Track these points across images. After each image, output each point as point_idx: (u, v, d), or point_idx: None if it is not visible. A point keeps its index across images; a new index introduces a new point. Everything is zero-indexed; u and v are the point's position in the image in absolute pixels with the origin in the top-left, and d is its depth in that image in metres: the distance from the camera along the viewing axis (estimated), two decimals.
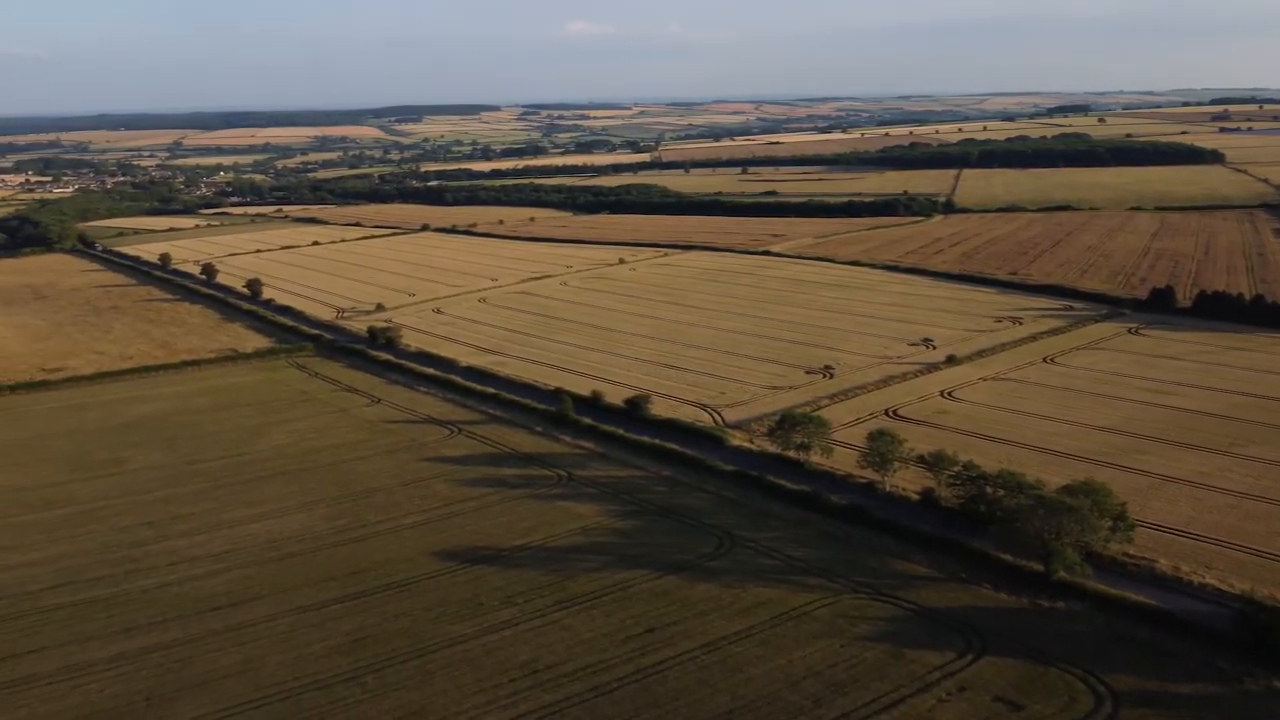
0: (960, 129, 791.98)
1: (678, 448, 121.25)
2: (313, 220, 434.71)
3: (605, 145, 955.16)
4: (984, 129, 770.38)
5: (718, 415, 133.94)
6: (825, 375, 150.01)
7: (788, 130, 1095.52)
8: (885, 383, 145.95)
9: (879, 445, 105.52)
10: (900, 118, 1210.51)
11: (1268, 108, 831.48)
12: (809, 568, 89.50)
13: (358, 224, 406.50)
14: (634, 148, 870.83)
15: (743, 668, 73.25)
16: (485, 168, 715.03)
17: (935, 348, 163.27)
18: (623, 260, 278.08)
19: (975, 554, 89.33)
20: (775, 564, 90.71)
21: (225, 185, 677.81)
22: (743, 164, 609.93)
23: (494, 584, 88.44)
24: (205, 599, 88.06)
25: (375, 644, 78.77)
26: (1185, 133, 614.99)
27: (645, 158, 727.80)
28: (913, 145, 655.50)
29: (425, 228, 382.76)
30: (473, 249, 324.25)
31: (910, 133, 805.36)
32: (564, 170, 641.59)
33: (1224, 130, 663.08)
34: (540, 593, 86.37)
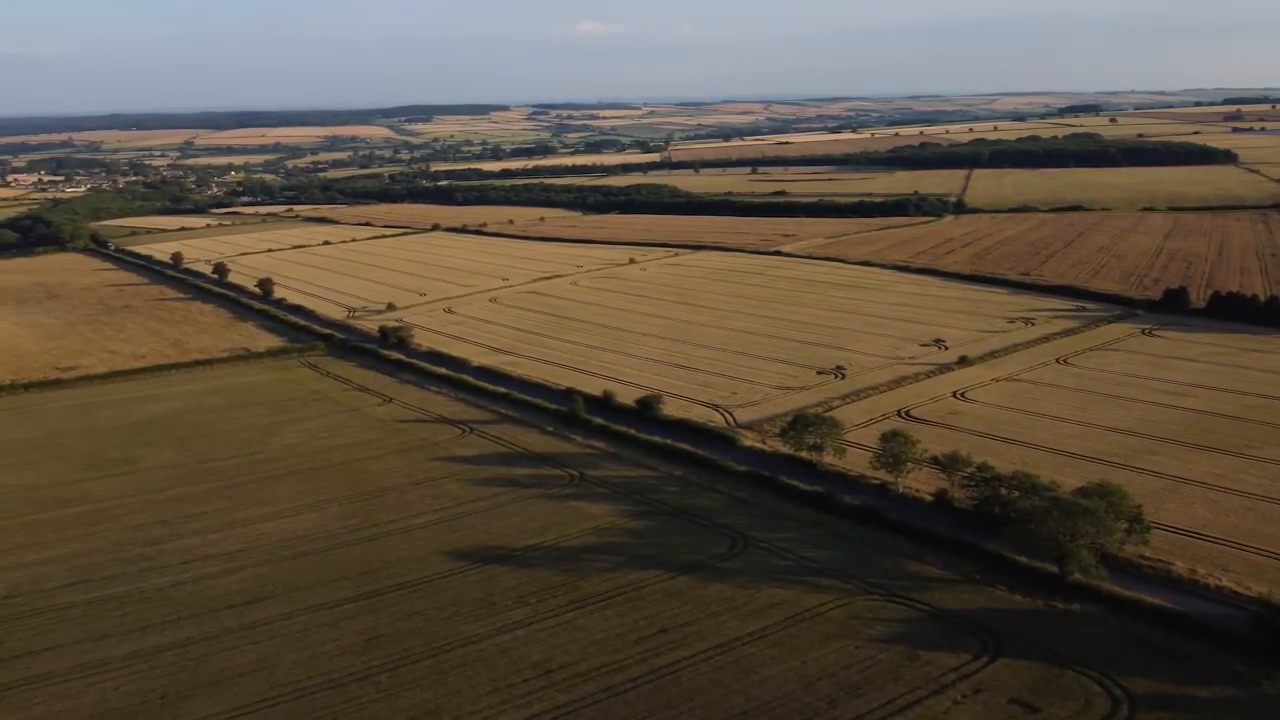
0: (971, 129, 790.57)
1: (689, 448, 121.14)
2: (323, 220, 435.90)
3: (615, 145, 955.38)
4: (995, 129, 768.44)
5: (729, 415, 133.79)
6: (837, 376, 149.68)
7: (797, 130, 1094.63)
8: (897, 383, 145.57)
9: (892, 446, 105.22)
10: (910, 118, 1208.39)
11: None
12: (822, 569, 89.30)
13: (368, 223, 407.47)
14: (643, 148, 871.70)
15: (757, 669, 73.10)
16: (495, 167, 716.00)
17: (947, 348, 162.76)
18: (633, 260, 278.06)
19: (989, 555, 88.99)
20: (788, 565, 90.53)
21: (236, 185, 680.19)
22: (752, 164, 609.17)
23: (507, 584, 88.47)
24: (219, 597, 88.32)
25: (389, 643, 78.88)
26: (1197, 133, 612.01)
27: (655, 158, 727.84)
28: (923, 145, 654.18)
29: (436, 227, 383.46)
30: (483, 249, 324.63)
31: (920, 133, 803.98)
32: (574, 170, 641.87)
33: (1237, 130, 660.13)
34: (553, 593, 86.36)
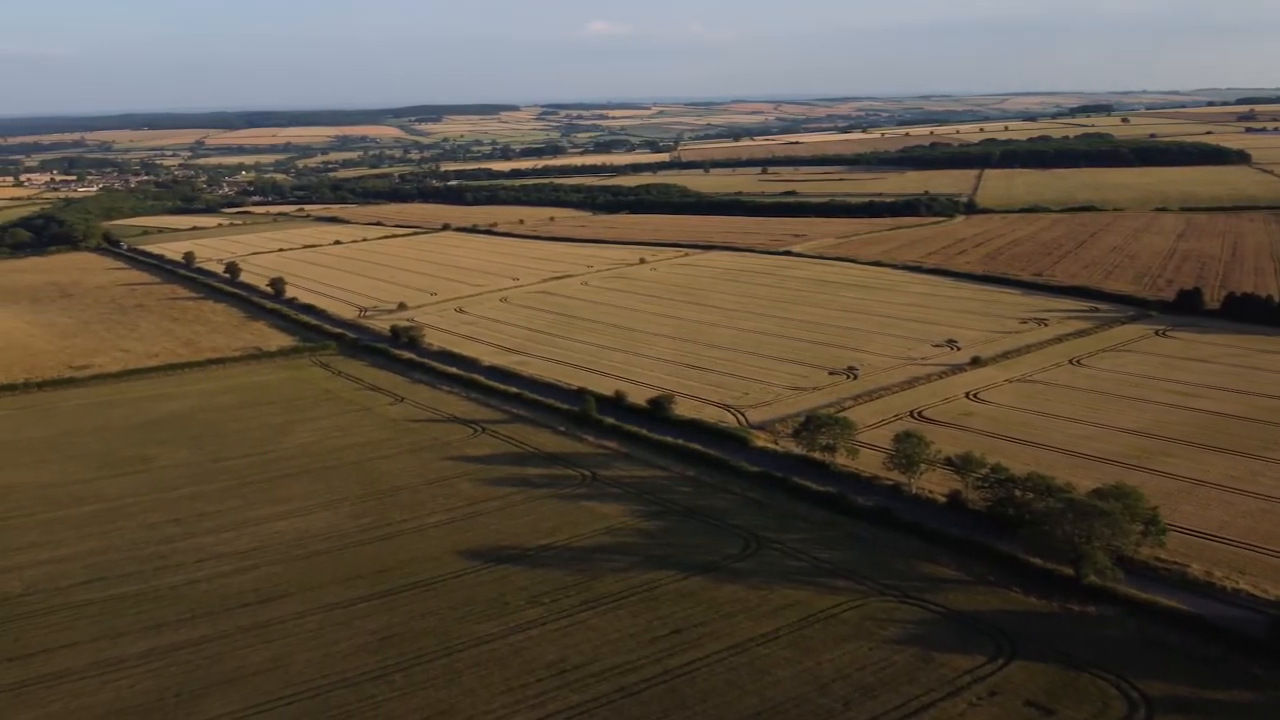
0: (981, 129, 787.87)
1: (701, 448, 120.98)
2: (334, 219, 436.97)
3: (624, 145, 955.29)
4: (1005, 129, 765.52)
5: (741, 416, 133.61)
6: (849, 376, 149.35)
7: (807, 130, 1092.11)
8: (910, 384, 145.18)
9: (906, 447, 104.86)
10: (920, 117, 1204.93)
11: None
12: (836, 570, 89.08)
13: (379, 223, 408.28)
14: (653, 147, 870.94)
15: (771, 670, 72.97)
16: (505, 167, 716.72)
17: (960, 349, 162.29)
18: (643, 260, 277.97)
19: (1003, 557, 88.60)
20: (802, 566, 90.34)
21: (247, 184, 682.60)
22: (762, 164, 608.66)
23: (520, 583, 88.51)
24: (233, 596, 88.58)
25: (403, 642, 78.99)
26: (1210, 133, 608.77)
27: (664, 157, 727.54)
28: (933, 145, 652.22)
29: (446, 227, 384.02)
30: (493, 248, 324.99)
31: (931, 133, 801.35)
32: (583, 170, 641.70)
33: (1250, 130, 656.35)
34: (566, 593, 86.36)
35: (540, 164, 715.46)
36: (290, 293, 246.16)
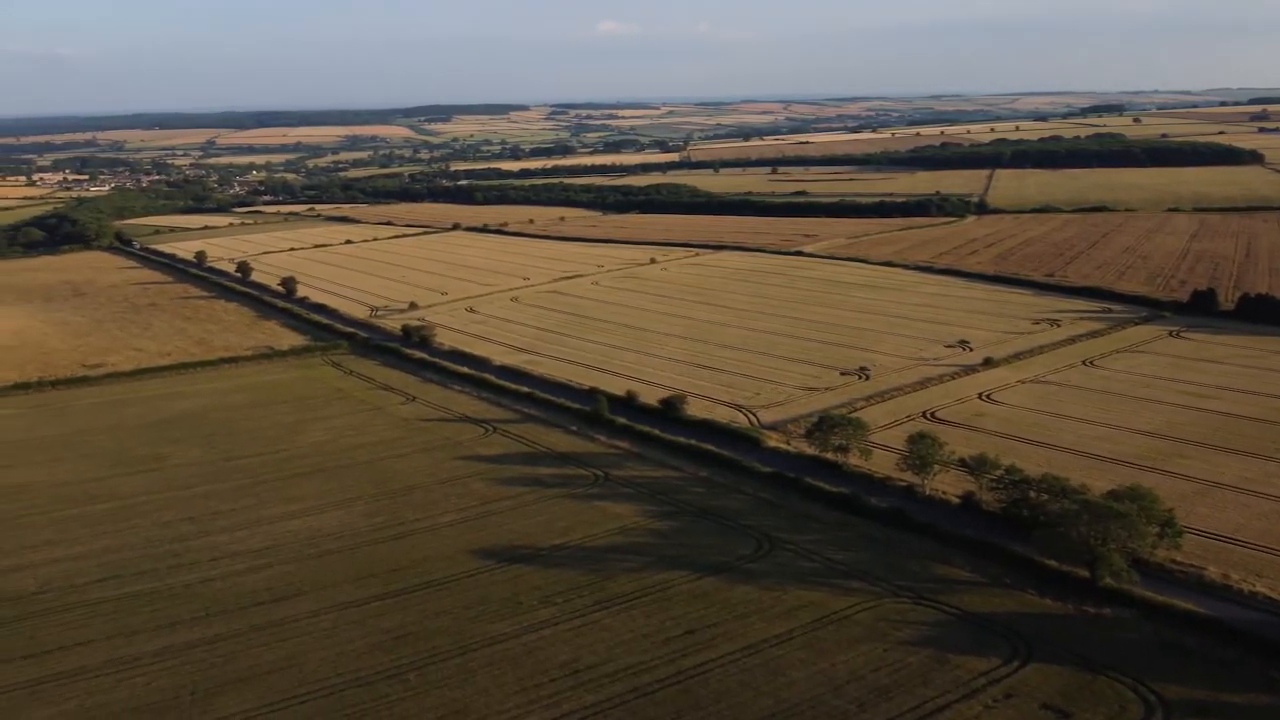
0: (992, 129, 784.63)
1: (714, 448, 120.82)
2: (345, 219, 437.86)
3: (634, 145, 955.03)
4: (1016, 129, 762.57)
5: (753, 416, 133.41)
6: (861, 377, 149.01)
7: (817, 130, 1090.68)
8: (922, 385, 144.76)
9: (919, 448, 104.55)
10: (931, 117, 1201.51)
11: None
12: (850, 571, 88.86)
13: (389, 223, 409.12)
14: (663, 147, 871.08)
15: (785, 671, 72.79)
16: (514, 167, 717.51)
17: (972, 350, 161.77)
18: (654, 260, 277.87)
19: (1018, 559, 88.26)
20: (815, 566, 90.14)
21: (258, 184, 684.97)
22: (772, 164, 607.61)
23: (533, 583, 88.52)
24: (247, 594, 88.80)
25: (416, 641, 79.06)
26: (1223, 133, 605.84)
27: (674, 157, 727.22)
28: (944, 145, 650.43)
29: (456, 227, 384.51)
30: (504, 248, 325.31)
31: (941, 132, 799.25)
32: (593, 170, 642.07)
33: (1263, 130, 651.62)
34: (579, 593, 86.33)
35: (550, 164, 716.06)
36: (302, 292, 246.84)
